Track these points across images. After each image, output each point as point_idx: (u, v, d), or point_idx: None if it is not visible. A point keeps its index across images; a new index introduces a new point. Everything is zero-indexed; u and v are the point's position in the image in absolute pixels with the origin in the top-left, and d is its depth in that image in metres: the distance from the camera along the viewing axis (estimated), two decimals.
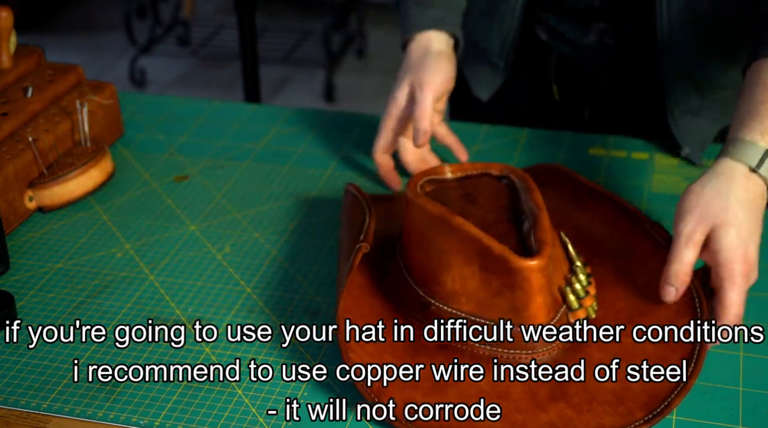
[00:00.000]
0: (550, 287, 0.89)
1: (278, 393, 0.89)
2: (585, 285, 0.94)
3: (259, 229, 1.13)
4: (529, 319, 0.88)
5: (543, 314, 0.88)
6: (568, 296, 0.91)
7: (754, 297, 0.99)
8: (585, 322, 0.92)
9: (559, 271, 0.92)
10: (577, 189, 1.08)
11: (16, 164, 1.12)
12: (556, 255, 0.91)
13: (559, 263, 0.92)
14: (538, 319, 0.88)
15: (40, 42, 2.76)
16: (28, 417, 0.88)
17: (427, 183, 1.01)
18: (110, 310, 1.00)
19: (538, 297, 0.87)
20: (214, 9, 4.19)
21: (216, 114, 1.38)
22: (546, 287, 0.88)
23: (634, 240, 1.00)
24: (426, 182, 1.00)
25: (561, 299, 0.91)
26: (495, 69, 1.30)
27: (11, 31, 1.26)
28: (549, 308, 0.89)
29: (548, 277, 0.88)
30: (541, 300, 0.88)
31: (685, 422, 0.85)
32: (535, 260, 0.86)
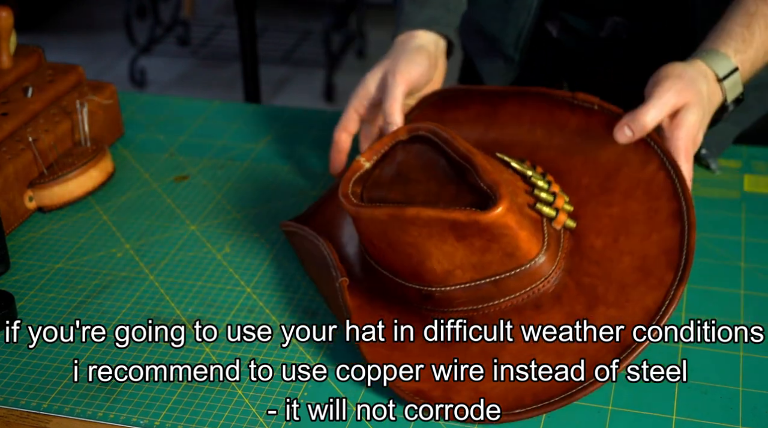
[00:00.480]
0: (524, 215, 0.89)
1: (278, 393, 0.89)
2: (547, 188, 0.95)
3: (259, 229, 1.13)
4: (525, 256, 0.89)
5: (534, 244, 0.89)
6: (542, 210, 0.92)
7: (754, 297, 0.99)
8: (571, 221, 0.94)
9: (520, 194, 0.92)
10: (480, 97, 1.08)
11: (16, 164, 1.12)
12: (509, 182, 0.91)
13: (515, 187, 0.92)
14: (533, 251, 0.89)
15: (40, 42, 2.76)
16: (29, 417, 0.88)
17: (355, 185, 0.97)
18: (110, 310, 1.00)
19: (522, 233, 0.88)
20: (214, 9, 4.19)
21: (216, 114, 1.38)
22: (521, 219, 0.88)
23: (560, 115, 1.01)
24: (353, 186, 0.96)
25: (538, 216, 0.92)
26: (509, 63, 1.29)
27: (11, 31, 1.26)
28: (535, 234, 0.90)
29: (517, 208, 0.88)
30: (525, 234, 0.88)
31: (685, 422, 0.85)
32: (499, 207, 0.86)
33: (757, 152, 1.24)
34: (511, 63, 1.30)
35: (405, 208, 0.89)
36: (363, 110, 1.15)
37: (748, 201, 1.14)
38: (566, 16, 1.26)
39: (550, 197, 0.93)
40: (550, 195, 0.94)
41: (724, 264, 1.04)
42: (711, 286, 1.01)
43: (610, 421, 0.85)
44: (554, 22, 1.28)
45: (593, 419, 0.86)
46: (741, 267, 1.04)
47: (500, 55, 1.30)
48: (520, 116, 1.06)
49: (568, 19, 1.26)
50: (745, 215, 1.12)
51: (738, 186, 1.17)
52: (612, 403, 0.87)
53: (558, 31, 1.28)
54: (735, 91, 1.02)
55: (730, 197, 1.15)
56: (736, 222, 1.10)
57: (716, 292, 1.00)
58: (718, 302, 0.99)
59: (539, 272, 0.91)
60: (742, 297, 0.99)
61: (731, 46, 1.01)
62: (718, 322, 0.96)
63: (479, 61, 1.34)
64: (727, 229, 1.09)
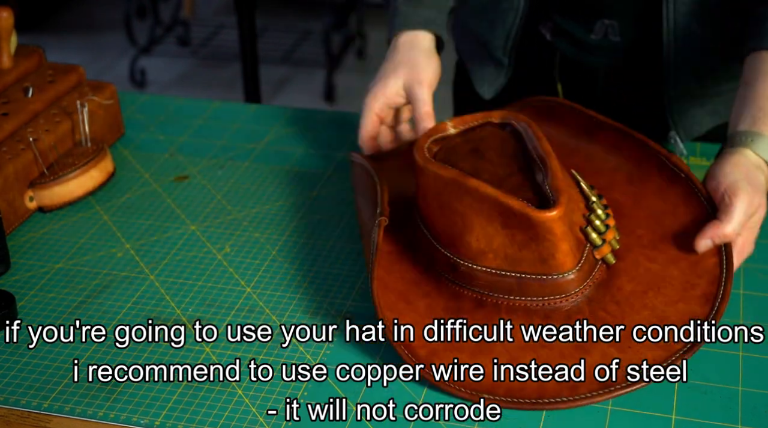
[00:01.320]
0: (572, 231, 0.92)
1: (278, 393, 0.89)
2: (604, 219, 0.96)
3: (259, 229, 1.13)
4: (557, 267, 0.91)
5: (570, 260, 0.91)
6: (590, 235, 0.94)
7: (754, 297, 0.99)
8: (611, 255, 0.95)
9: (577, 211, 0.94)
10: (581, 119, 1.09)
11: (17, 164, 1.12)
12: (571, 197, 0.93)
13: (575, 204, 0.94)
14: (566, 265, 0.91)
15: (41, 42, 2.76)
16: (29, 416, 0.88)
17: (433, 143, 1.01)
18: (110, 310, 1.00)
19: (563, 245, 0.90)
20: (214, 9, 4.19)
21: (216, 114, 1.38)
22: (568, 232, 0.90)
23: (648, 168, 1.02)
24: (432, 143, 1.01)
25: (584, 239, 0.93)
26: (499, 67, 1.30)
27: (12, 31, 1.26)
28: (574, 251, 0.91)
29: (569, 222, 0.91)
30: (566, 247, 0.90)
31: (684, 422, 0.85)
32: (554, 211, 0.89)
33: None
34: (501, 67, 1.30)
35: (469, 178, 0.92)
36: (384, 115, 1.18)
37: None
38: (558, 19, 1.26)
39: (602, 227, 0.95)
40: (603, 225, 0.95)
41: None
42: None
43: (609, 421, 0.85)
44: (547, 24, 1.28)
45: (593, 419, 0.86)
46: (741, 267, 1.04)
47: (490, 59, 1.30)
48: (611, 152, 1.07)
49: (560, 22, 1.26)
50: None
51: None
52: (612, 403, 0.87)
53: (551, 34, 1.28)
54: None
55: None
56: None
57: None
58: None
59: (562, 288, 0.92)
60: (741, 297, 0.99)
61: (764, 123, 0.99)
62: (718, 322, 0.96)
63: (471, 65, 1.35)
64: None
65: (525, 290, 0.92)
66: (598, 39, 1.24)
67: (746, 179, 0.96)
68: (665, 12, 1.16)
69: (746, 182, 0.96)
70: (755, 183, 0.96)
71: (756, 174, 0.97)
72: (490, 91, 1.33)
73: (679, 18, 1.16)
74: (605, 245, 0.95)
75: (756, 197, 0.96)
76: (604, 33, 1.24)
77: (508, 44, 1.27)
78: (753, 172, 0.97)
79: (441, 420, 0.86)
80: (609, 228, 0.96)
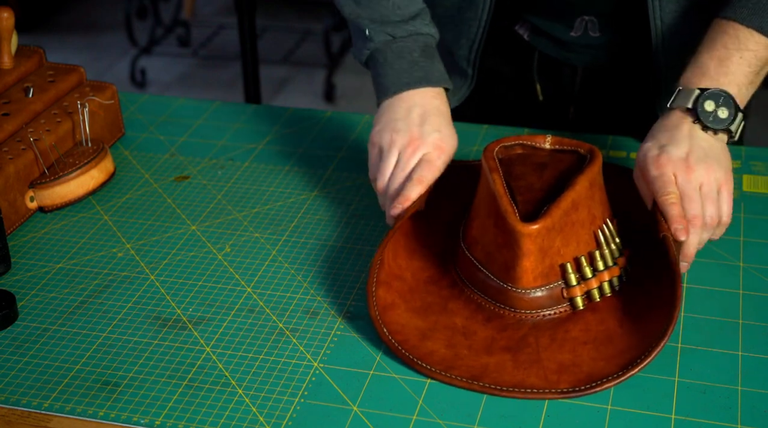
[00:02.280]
0: (547, 256, 0.94)
1: (278, 393, 0.89)
2: (600, 269, 0.96)
3: (259, 229, 1.13)
4: (515, 280, 0.95)
5: (530, 279, 0.94)
6: (567, 272, 0.95)
7: (753, 297, 1.00)
8: (580, 300, 0.96)
9: (570, 248, 0.95)
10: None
11: (18, 164, 1.12)
12: (568, 231, 0.94)
13: (573, 242, 0.95)
14: (523, 282, 0.94)
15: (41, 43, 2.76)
16: (29, 416, 0.88)
17: (520, 146, 1.04)
18: (111, 310, 1.00)
19: (526, 261, 0.93)
20: (214, 10, 4.19)
21: (216, 114, 1.38)
22: (538, 255, 0.93)
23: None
24: (519, 145, 1.03)
25: (559, 273, 0.95)
26: (464, 77, 1.29)
27: (12, 31, 1.26)
28: (539, 275, 0.94)
29: (546, 247, 0.93)
30: (529, 265, 0.93)
31: (684, 421, 0.85)
32: (529, 226, 0.92)
33: (756, 152, 1.24)
34: (465, 78, 1.28)
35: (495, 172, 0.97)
36: None
37: (746, 201, 1.14)
38: (534, 19, 1.26)
39: (589, 273, 0.96)
40: (591, 272, 0.96)
41: (723, 264, 1.04)
42: (711, 286, 1.01)
43: (609, 421, 0.86)
44: (524, 24, 1.27)
45: (593, 419, 0.86)
46: (740, 267, 1.04)
47: (456, 69, 1.29)
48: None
49: (537, 21, 1.25)
50: (744, 215, 1.12)
51: (737, 186, 1.17)
52: (612, 403, 0.87)
53: (529, 34, 1.27)
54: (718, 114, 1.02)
55: None
56: (736, 222, 1.10)
57: (716, 292, 1.00)
58: (718, 302, 0.99)
59: (514, 301, 0.96)
60: (741, 297, 1.00)
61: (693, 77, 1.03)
62: (718, 322, 0.96)
63: None
64: (727, 229, 1.09)
65: (486, 289, 0.97)
66: (577, 36, 1.23)
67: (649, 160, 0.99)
68: (652, 13, 1.16)
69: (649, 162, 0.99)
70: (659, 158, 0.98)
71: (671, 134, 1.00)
72: (454, 101, 1.30)
73: (667, 16, 1.16)
74: (577, 288, 0.95)
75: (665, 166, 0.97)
76: (584, 29, 1.23)
77: (471, 55, 1.26)
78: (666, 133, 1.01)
79: (441, 420, 0.86)
80: (596, 276, 0.96)
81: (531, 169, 1.01)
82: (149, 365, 0.93)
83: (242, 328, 0.97)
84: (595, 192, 0.98)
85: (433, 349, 0.93)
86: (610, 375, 0.88)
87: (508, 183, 0.98)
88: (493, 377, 0.89)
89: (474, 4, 1.21)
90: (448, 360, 0.92)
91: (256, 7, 2.45)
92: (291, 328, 0.97)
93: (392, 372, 0.91)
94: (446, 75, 1.14)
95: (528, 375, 0.90)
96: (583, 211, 0.96)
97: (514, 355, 0.92)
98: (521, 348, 0.93)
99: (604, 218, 0.99)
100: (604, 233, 0.98)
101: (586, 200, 0.96)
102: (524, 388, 0.88)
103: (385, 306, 0.97)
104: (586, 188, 0.96)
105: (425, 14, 1.16)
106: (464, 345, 0.94)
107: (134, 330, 0.97)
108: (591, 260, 0.97)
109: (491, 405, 0.88)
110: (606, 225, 0.98)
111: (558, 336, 0.94)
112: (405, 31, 1.14)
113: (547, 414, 0.86)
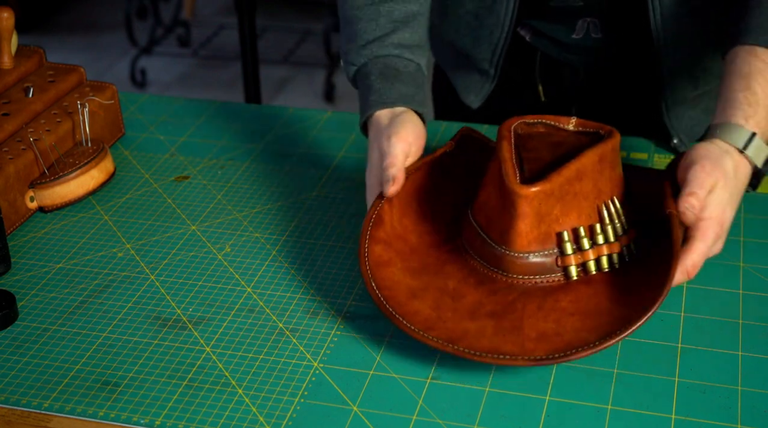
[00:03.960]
0: (543, 222, 0.94)
1: (278, 392, 0.90)
2: (599, 242, 0.96)
3: (259, 229, 1.13)
4: (509, 243, 0.95)
5: (523, 243, 0.94)
6: (563, 241, 0.95)
7: (753, 297, 1.00)
8: (574, 270, 0.96)
9: (570, 218, 0.95)
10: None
11: (18, 164, 1.12)
12: (569, 201, 0.94)
13: (574, 212, 0.95)
14: (517, 245, 0.94)
15: (41, 43, 2.76)
16: (29, 416, 0.88)
17: (542, 125, 1.03)
18: (111, 310, 1.01)
19: (521, 224, 0.93)
20: (214, 10, 4.19)
21: (216, 114, 1.38)
22: (534, 219, 0.93)
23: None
24: (541, 124, 1.03)
25: (555, 240, 0.95)
26: (485, 76, 1.29)
27: (12, 31, 1.26)
28: (533, 240, 0.94)
29: (544, 213, 0.93)
30: (523, 228, 0.94)
31: (684, 421, 0.85)
32: (526, 189, 0.92)
33: None
34: (487, 76, 1.29)
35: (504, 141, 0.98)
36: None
37: (747, 201, 1.14)
38: (535, 23, 1.25)
39: (587, 244, 0.96)
40: (589, 243, 0.96)
41: (723, 264, 1.04)
42: (710, 286, 1.01)
43: (609, 421, 0.86)
44: (526, 26, 1.27)
45: (593, 419, 0.86)
46: (740, 267, 1.04)
47: (475, 70, 1.29)
48: None
49: (538, 25, 1.25)
50: (744, 215, 1.12)
51: None
52: (612, 403, 0.87)
53: (531, 35, 1.27)
54: (761, 154, 0.99)
55: None
56: (736, 222, 1.10)
57: (716, 292, 1.00)
58: (718, 302, 0.99)
59: (507, 265, 0.96)
60: (741, 297, 1.00)
61: (739, 114, 0.99)
62: (718, 322, 0.96)
63: (453, 74, 1.33)
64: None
65: (483, 253, 0.98)
66: (579, 38, 1.24)
67: (707, 157, 0.96)
68: (652, 13, 1.16)
69: (706, 160, 0.96)
70: (717, 163, 0.96)
71: (722, 158, 0.97)
72: (477, 101, 1.31)
73: (667, 17, 1.16)
74: (572, 257, 0.95)
75: (715, 170, 0.95)
76: (585, 31, 1.23)
77: (494, 57, 1.26)
78: (718, 154, 0.97)
79: (441, 420, 0.86)
80: (594, 248, 0.95)
81: (546, 145, 1.00)
82: (149, 365, 0.93)
83: (242, 328, 0.97)
84: (605, 168, 0.97)
85: (418, 309, 0.94)
86: (588, 344, 0.88)
87: (519, 154, 0.98)
88: (470, 342, 0.90)
89: (495, 11, 1.21)
90: (429, 321, 0.92)
91: (256, 7, 2.46)
92: (291, 328, 0.97)
93: (392, 372, 0.91)
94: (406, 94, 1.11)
95: (505, 341, 0.90)
96: (587, 183, 0.96)
97: (497, 321, 0.92)
98: (505, 314, 0.93)
99: (612, 195, 0.98)
100: (609, 210, 0.97)
101: (593, 173, 0.96)
102: (498, 354, 0.88)
103: (380, 263, 0.98)
104: (594, 162, 0.96)
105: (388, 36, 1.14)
106: (450, 307, 0.94)
107: (134, 330, 0.98)
108: (591, 233, 0.96)
109: (491, 405, 0.88)
110: (612, 202, 0.98)
111: (546, 304, 0.94)
112: (364, 57, 1.14)
113: (547, 414, 0.86)
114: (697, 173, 0.95)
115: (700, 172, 0.95)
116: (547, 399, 0.88)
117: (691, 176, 0.95)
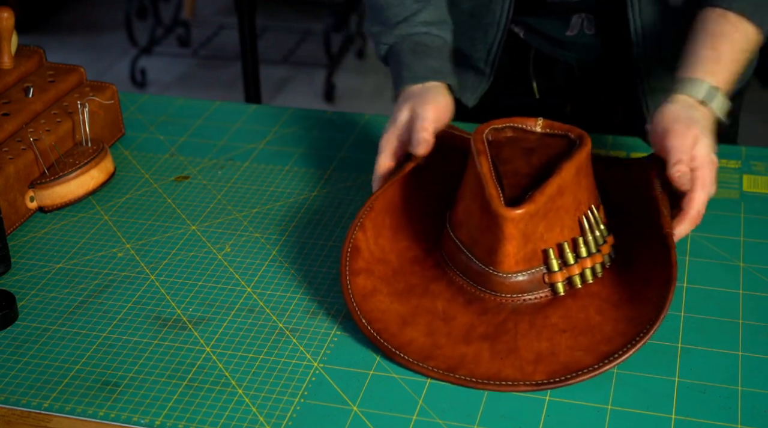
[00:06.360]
0: (530, 241, 0.94)
1: (278, 392, 0.90)
2: (583, 255, 0.97)
3: (259, 229, 1.13)
4: (497, 264, 0.95)
5: (511, 263, 0.95)
6: (549, 258, 0.95)
7: (753, 297, 1.00)
8: (561, 286, 0.96)
9: (554, 234, 0.95)
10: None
11: (18, 164, 1.12)
12: (552, 217, 0.95)
13: (557, 227, 0.95)
14: (505, 266, 0.95)
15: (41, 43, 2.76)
16: (29, 416, 0.88)
17: (510, 129, 1.04)
18: (111, 310, 1.01)
19: (508, 245, 0.94)
20: (214, 10, 4.19)
21: (216, 114, 1.38)
22: (521, 239, 0.94)
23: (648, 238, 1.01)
24: (509, 128, 1.04)
25: (542, 259, 0.95)
26: (480, 75, 1.29)
27: (12, 31, 1.26)
28: (521, 260, 0.95)
29: (530, 232, 0.94)
30: (511, 249, 0.94)
31: (684, 421, 0.85)
32: (512, 211, 0.92)
33: (756, 152, 1.24)
34: (483, 75, 1.29)
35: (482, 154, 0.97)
36: (398, 150, 1.10)
37: (746, 201, 1.14)
38: (529, 20, 1.26)
39: (571, 259, 0.96)
40: (573, 258, 0.96)
41: (723, 264, 1.04)
42: (710, 286, 1.01)
43: (609, 421, 0.86)
44: (520, 24, 1.27)
45: (593, 419, 0.86)
46: (740, 267, 1.04)
47: (471, 68, 1.29)
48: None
49: (532, 22, 1.26)
50: (744, 215, 1.12)
51: (737, 186, 1.17)
52: (612, 403, 0.87)
53: (525, 32, 1.28)
54: (723, 107, 1.05)
55: (729, 197, 1.15)
56: (735, 222, 1.10)
57: (715, 292, 1.00)
58: (718, 302, 0.99)
59: (495, 285, 0.96)
60: (741, 297, 1.00)
61: (704, 70, 1.05)
62: (718, 322, 0.96)
63: None
64: (726, 229, 1.09)
65: (468, 272, 0.98)
66: (573, 35, 1.24)
67: (677, 120, 1.01)
68: (630, 11, 1.17)
69: (677, 123, 1.00)
70: (688, 121, 1.01)
71: (689, 112, 1.02)
72: (473, 99, 1.31)
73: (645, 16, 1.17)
74: (559, 274, 0.96)
75: (690, 130, 1.00)
76: (579, 27, 1.24)
77: (490, 57, 1.27)
78: (685, 112, 1.02)
79: (441, 420, 0.86)
80: (578, 263, 0.96)
81: (519, 153, 1.01)
82: (149, 365, 0.93)
83: (242, 328, 0.97)
84: (582, 178, 0.98)
85: (412, 337, 0.94)
86: (586, 367, 0.89)
87: (496, 167, 0.98)
88: (470, 368, 0.90)
89: (491, 10, 1.22)
90: (426, 350, 0.92)
91: (256, 7, 2.45)
92: (291, 328, 0.97)
93: (392, 372, 0.91)
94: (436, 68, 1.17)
95: (504, 365, 0.90)
96: (568, 197, 0.96)
97: (491, 344, 0.92)
98: (499, 336, 0.93)
99: (590, 204, 0.99)
100: (588, 220, 0.98)
101: (572, 186, 0.97)
102: (499, 380, 0.89)
103: (365, 294, 0.97)
104: (572, 175, 0.96)
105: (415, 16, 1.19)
106: (443, 332, 0.94)
107: (134, 330, 0.98)
108: (574, 246, 0.97)
109: (491, 405, 0.88)
110: (591, 211, 0.99)
111: (537, 321, 0.94)
112: (394, 37, 1.19)
113: (547, 414, 0.86)
114: (675, 140, 0.99)
115: (676, 138, 1.00)
116: (547, 399, 0.88)
117: (669, 145, 1.00)
